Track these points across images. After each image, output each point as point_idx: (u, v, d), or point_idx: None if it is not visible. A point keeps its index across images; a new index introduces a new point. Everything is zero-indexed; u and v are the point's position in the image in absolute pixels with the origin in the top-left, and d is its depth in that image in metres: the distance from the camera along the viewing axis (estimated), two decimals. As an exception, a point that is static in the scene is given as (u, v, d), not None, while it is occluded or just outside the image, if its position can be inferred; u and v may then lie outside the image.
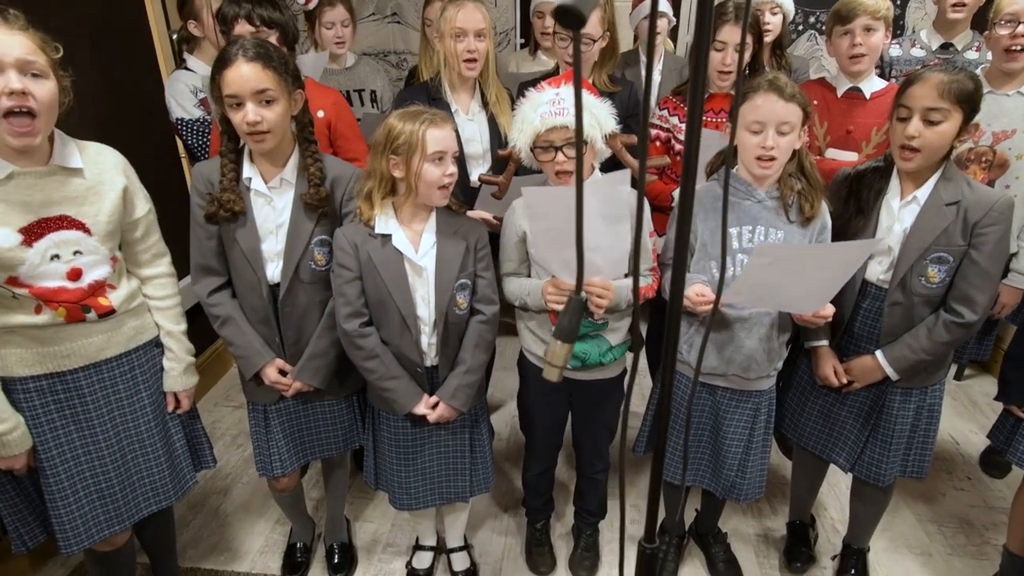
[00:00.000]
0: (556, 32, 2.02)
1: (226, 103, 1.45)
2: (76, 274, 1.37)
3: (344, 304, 1.56)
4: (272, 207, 1.57)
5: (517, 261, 1.68)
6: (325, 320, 1.64)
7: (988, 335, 2.49)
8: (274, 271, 1.59)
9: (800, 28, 3.49)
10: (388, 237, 1.54)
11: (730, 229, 1.58)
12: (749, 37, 1.93)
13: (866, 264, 1.62)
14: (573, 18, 0.50)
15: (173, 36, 2.66)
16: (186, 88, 2.38)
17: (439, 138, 1.47)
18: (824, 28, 2.15)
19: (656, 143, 2.13)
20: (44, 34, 1.28)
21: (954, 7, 2.39)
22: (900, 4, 3.39)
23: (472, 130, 2.06)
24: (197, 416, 1.72)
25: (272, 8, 1.83)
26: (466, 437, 1.73)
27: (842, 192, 1.69)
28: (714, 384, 1.69)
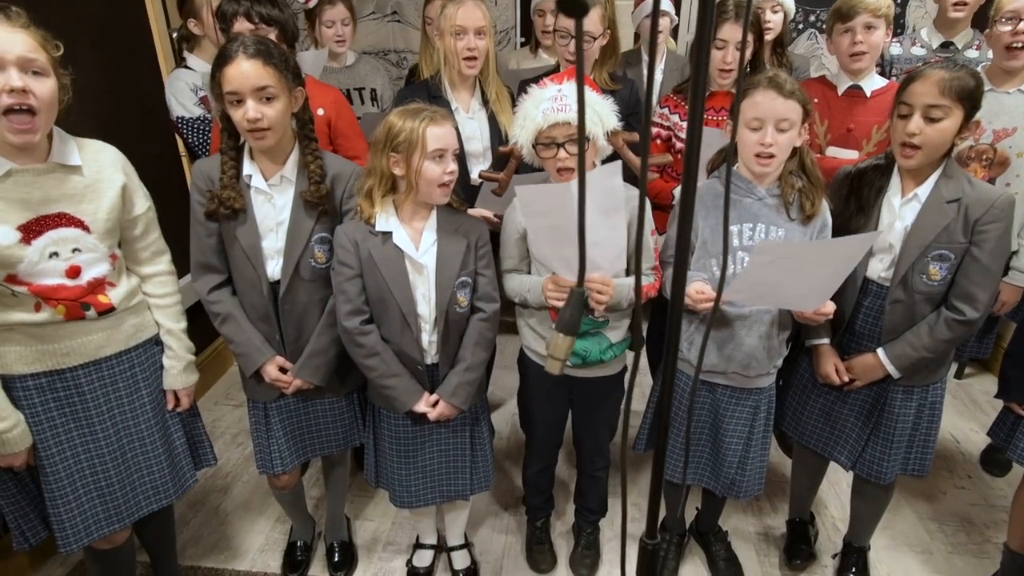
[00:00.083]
0: (557, 30, 2.02)
1: (226, 100, 1.44)
2: (75, 272, 1.37)
3: (345, 302, 1.55)
4: (272, 204, 1.56)
5: (517, 258, 1.68)
6: (325, 318, 1.64)
7: (988, 333, 2.49)
8: (274, 268, 1.59)
9: (800, 26, 3.49)
10: (389, 235, 1.54)
11: (731, 227, 1.57)
12: (750, 35, 1.93)
13: (867, 262, 1.62)
14: (576, 7, 0.50)
15: (173, 35, 2.66)
16: (186, 86, 2.38)
17: (439, 135, 1.47)
18: (824, 26, 2.15)
19: (657, 141, 2.13)
20: (45, 32, 1.28)
21: (955, 6, 2.38)
22: (900, 3, 3.39)
23: (472, 128, 2.05)
24: (197, 414, 1.72)
25: (271, 6, 1.82)
26: (467, 435, 1.73)
27: (843, 190, 1.68)
28: (714, 382, 1.69)
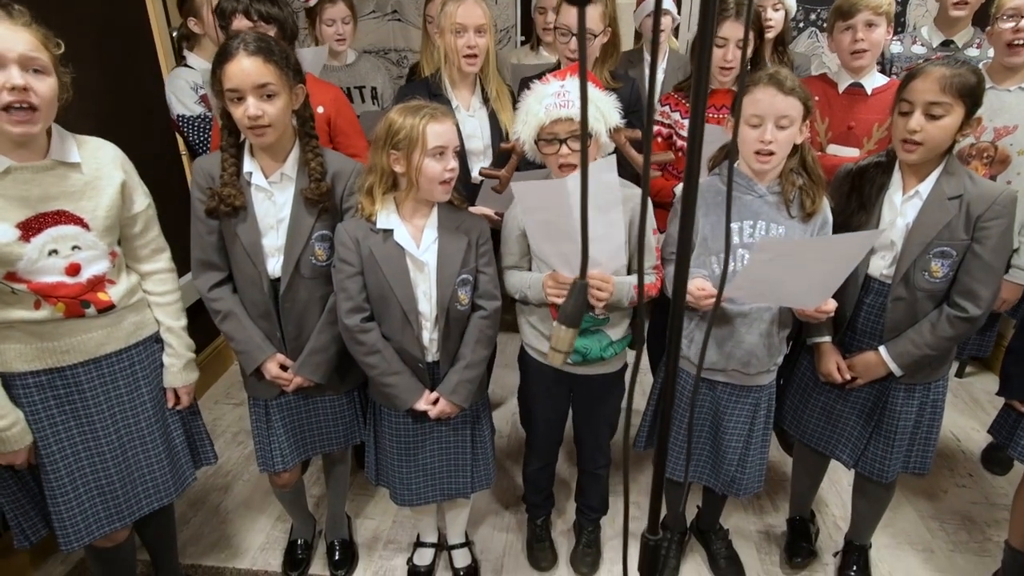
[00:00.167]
0: (557, 27, 2.02)
1: (227, 97, 1.44)
2: (75, 269, 1.37)
3: (345, 299, 1.55)
4: (273, 202, 1.56)
5: (518, 255, 1.67)
6: (326, 315, 1.63)
7: (989, 330, 2.49)
8: (275, 266, 1.59)
9: (801, 25, 3.48)
10: (390, 232, 1.53)
11: (731, 224, 1.57)
12: (750, 33, 1.92)
13: (869, 259, 1.62)
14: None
15: (173, 34, 2.66)
16: (186, 85, 2.38)
17: (439, 133, 1.47)
18: (825, 25, 2.15)
19: (657, 139, 2.13)
20: (47, 30, 1.28)
21: (956, 5, 2.38)
22: (901, 1, 3.39)
23: (473, 126, 2.05)
24: (197, 412, 1.72)
25: (270, 3, 1.82)
26: (467, 433, 1.72)
27: (844, 187, 1.68)
28: (714, 379, 1.69)
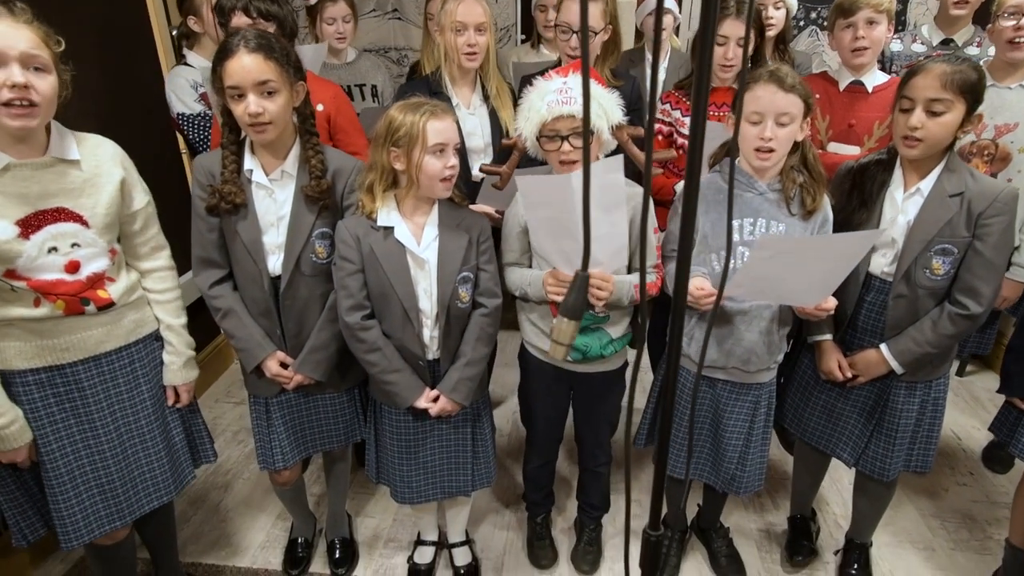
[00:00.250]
0: (558, 25, 2.02)
1: (227, 94, 1.44)
2: (74, 267, 1.37)
3: (346, 297, 1.55)
4: (273, 199, 1.56)
5: (519, 251, 1.67)
6: (326, 313, 1.63)
7: (989, 328, 2.49)
8: (275, 263, 1.59)
9: (801, 24, 3.48)
10: (390, 230, 1.53)
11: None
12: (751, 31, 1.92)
13: (870, 257, 1.61)
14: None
15: (173, 32, 2.65)
16: (186, 83, 2.38)
17: (440, 130, 1.46)
18: (826, 24, 2.15)
19: (658, 137, 2.12)
20: (48, 28, 1.27)
21: (956, 4, 2.39)
22: (902, -1, 3.39)
23: (473, 124, 2.05)
24: (197, 410, 1.71)
25: (270, 1, 1.81)
26: (468, 431, 1.72)
27: (845, 185, 1.68)
28: (714, 377, 1.69)
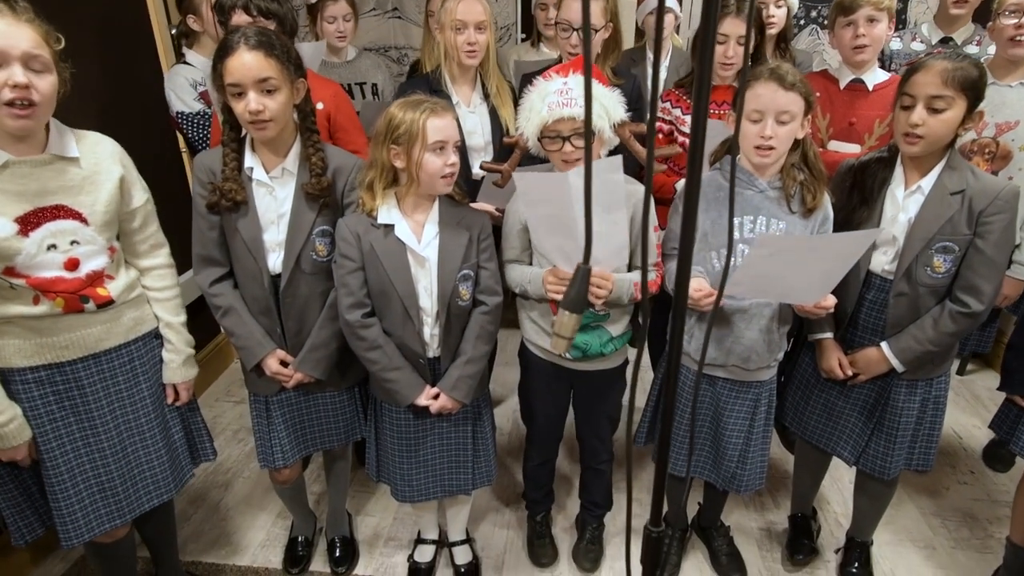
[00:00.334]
0: (559, 22, 2.01)
1: (228, 92, 1.43)
2: (73, 264, 1.36)
3: (346, 295, 1.55)
4: (274, 197, 1.56)
5: (519, 249, 1.67)
6: (326, 311, 1.63)
7: (990, 326, 2.48)
8: (275, 261, 1.58)
9: (802, 22, 3.47)
10: (391, 227, 1.53)
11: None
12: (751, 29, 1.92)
13: (871, 255, 1.61)
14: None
15: (172, 31, 2.65)
16: (186, 82, 2.37)
17: (440, 127, 1.46)
18: (826, 22, 2.14)
19: (659, 135, 2.12)
20: (48, 26, 1.27)
21: (956, 3, 2.40)
22: (903, -2, 3.38)
23: (474, 122, 2.05)
24: (197, 408, 1.71)
25: None
26: (468, 429, 1.72)
27: (846, 183, 1.68)
28: (714, 375, 1.68)
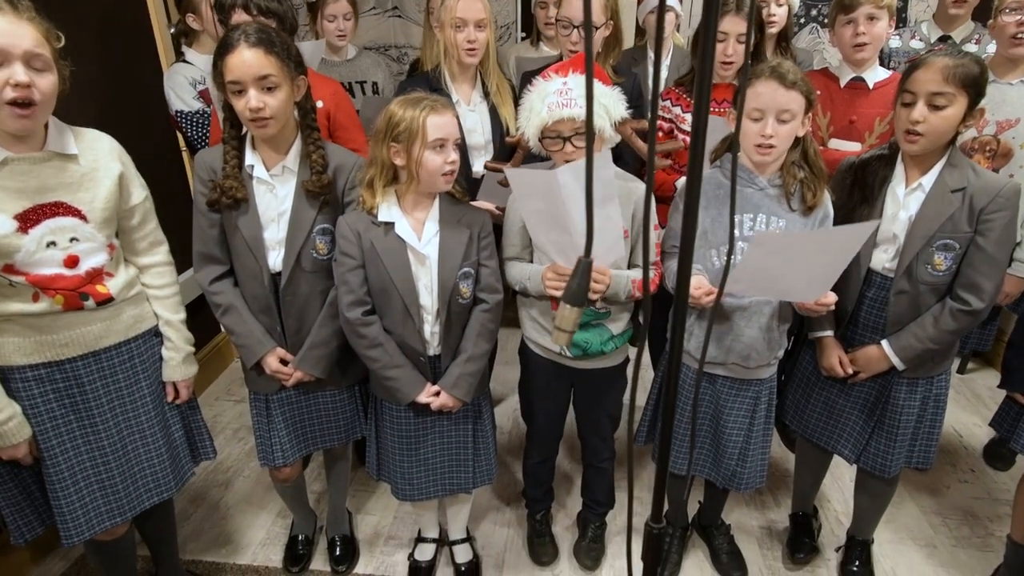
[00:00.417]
0: (559, 20, 2.01)
1: (228, 89, 1.43)
2: (73, 261, 1.36)
3: (347, 292, 1.54)
4: (274, 195, 1.55)
5: (520, 246, 1.67)
6: (327, 309, 1.63)
7: (990, 324, 2.48)
8: (276, 259, 1.58)
9: (802, 21, 3.47)
10: (391, 225, 1.52)
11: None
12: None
13: (871, 253, 1.61)
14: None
15: (171, 30, 2.65)
16: (185, 80, 2.37)
17: (440, 125, 1.46)
18: (826, 21, 2.14)
19: (659, 133, 2.12)
20: (48, 23, 1.27)
21: (955, 3, 2.41)
22: (903, -3, 3.38)
23: (474, 121, 2.04)
24: (196, 407, 1.71)
25: None
26: (469, 428, 1.72)
27: (847, 180, 1.67)
28: (714, 373, 1.68)
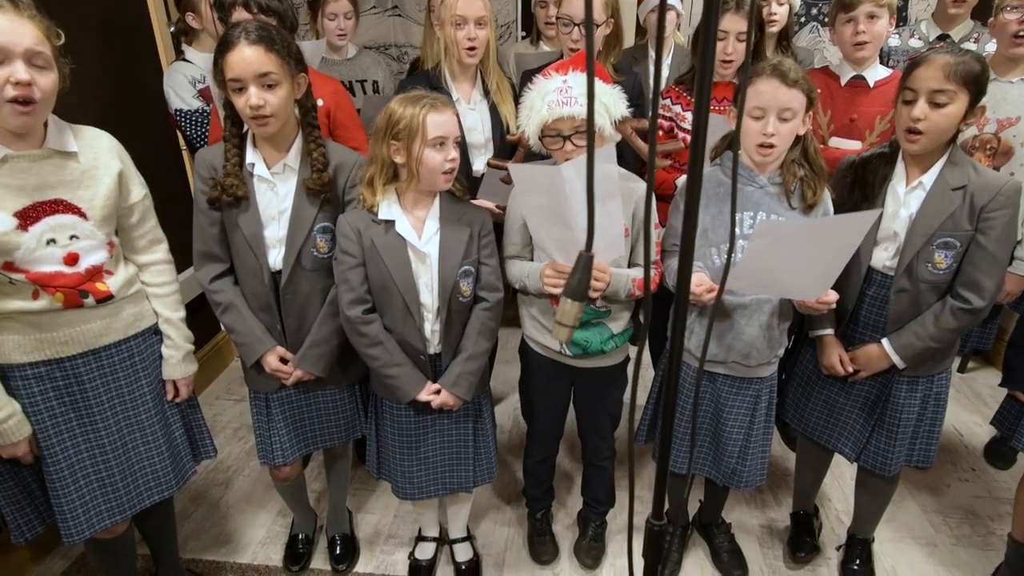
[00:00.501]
0: (559, 18, 2.01)
1: (229, 87, 1.43)
2: (73, 259, 1.36)
3: (347, 291, 1.54)
4: (275, 193, 1.55)
5: (520, 244, 1.66)
6: (327, 308, 1.62)
7: (991, 323, 2.48)
8: (276, 258, 1.58)
9: (802, 20, 3.48)
10: (391, 223, 1.52)
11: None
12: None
13: (872, 251, 1.61)
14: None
15: (171, 28, 2.65)
16: (185, 79, 2.37)
17: (440, 123, 1.45)
18: (826, 20, 2.14)
19: (659, 132, 2.12)
20: (49, 21, 1.27)
21: (955, 2, 2.42)
22: (903, -4, 3.38)
23: (474, 119, 2.04)
24: (197, 405, 1.70)
25: None
26: (469, 427, 1.71)
27: (847, 179, 1.67)
28: (714, 371, 1.68)
